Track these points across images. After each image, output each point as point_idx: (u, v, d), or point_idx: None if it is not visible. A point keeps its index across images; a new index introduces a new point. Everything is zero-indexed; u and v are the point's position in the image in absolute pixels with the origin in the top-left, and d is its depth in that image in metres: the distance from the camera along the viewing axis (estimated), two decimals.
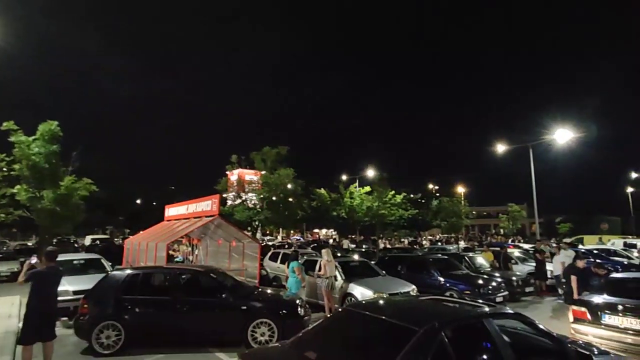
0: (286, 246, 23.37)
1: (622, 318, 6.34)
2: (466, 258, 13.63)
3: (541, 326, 4.06)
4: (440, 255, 13.99)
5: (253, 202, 27.56)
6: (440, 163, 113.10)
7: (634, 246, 21.38)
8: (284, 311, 7.12)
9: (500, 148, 26.42)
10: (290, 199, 28.71)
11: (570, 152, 25.28)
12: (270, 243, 28.73)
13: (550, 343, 3.93)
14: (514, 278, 12.30)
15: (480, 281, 11.08)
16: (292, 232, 45.83)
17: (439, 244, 28.43)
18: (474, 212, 68.02)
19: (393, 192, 30.53)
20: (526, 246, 22.12)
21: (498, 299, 10.59)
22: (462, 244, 25.41)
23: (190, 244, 14.47)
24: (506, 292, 11.09)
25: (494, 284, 11.04)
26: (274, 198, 26.32)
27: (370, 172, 33.31)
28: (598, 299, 6.96)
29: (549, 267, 13.18)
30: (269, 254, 15.41)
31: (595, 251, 19.24)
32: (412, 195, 35.26)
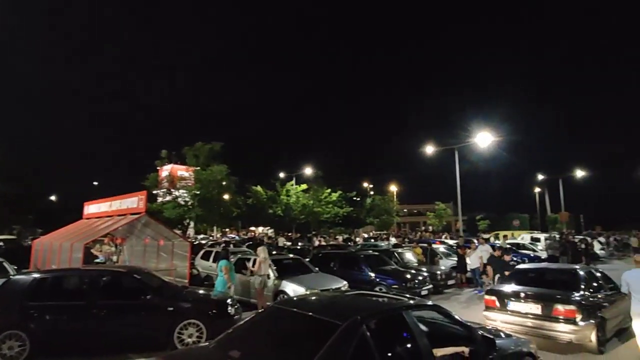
0: (222, 245, 22.80)
1: (524, 304, 7.08)
2: (396, 254, 14.29)
3: (455, 315, 4.40)
4: (371, 251, 14.50)
5: (185, 199, 26.44)
6: (376, 162, 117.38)
7: (539, 240, 23.97)
8: (213, 311, 6.94)
9: (430, 149, 28.08)
10: (226, 196, 28.01)
11: (489, 155, 27.62)
12: (204, 242, 27.76)
13: (461, 330, 4.27)
14: (438, 272, 13.17)
15: (408, 275, 11.70)
16: (227, 230, 44.77)
17: (372, 240, 29.49)
18: (405, 210, 71.79)
19: (329, 190, 31.11)
20: (451, 242, 23.79)
21: (423, 292, 11.29)
22: (392, 240, 26.58)
23: (114, 244, 13.51)
24: (431, 285, 11.85)
25: (420, 278, 11.71)
26: (207, 195, 25.48)
27: (308, 170, 33.61)
28: (506, 288, 7.70)
29: (468, 261, 14.28)
30: (201, 252, 14.92)
31: (507, 245, 21.40)
32: (347, 193, 36.18)
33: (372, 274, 11.69)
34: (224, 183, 26.28)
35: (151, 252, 12.88)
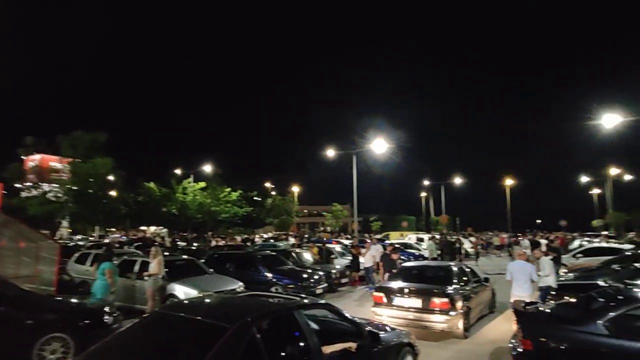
0: (104, 246, 20.46)
1: (407, 299, 7.71)
2: (293, 254, 14.43)
3: (345, 313, 4.56)
4: (268, 251, 14.44)
5: (57, 194, 23.08)
6: (279, 163, 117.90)
7: (422, 240, 26.54)
8: (85, 322, 6.12)
9: (330, 153, 29.14)
10: (112, 192, 25.28)
11: (384, 160, 29.71)
12: (82, 243, 24.58)
13: (350, 326, 4.44)
14: (333, 271, 13.64)
15: (305, 275, 11.90)
16: (113, 230, 40.51)
17: (272, 241, 29.49)
18: (305, 211, 73.40)
19: (229, 189, 30.20)
20: (346, 242, 24.97)
21: (318, 291, 11.60)
22: (291, 240, 26.92)
23: None
24: (326, 284, 12.23)
25: (316, 277, 12.00)
26: (86, 190, 22.58)
27: (208, 168, 32.22)
28: (393, 284, 8.30)
29: (362, 259, 15.08)
30: (76, 255, 13.16)
31: (397, 245, 23.26)
32: (248, 193, 35.57)
33: (269, 275, 11.62)
34: (109, 178, 23.65)
35: (10, 256, 10.92)
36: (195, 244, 23.78)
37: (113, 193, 25.46)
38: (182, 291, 8.85)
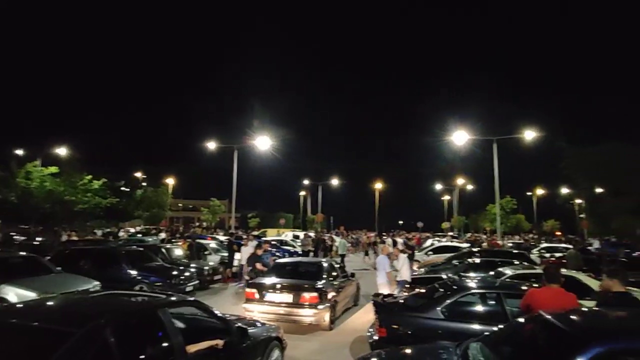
0: None
1: (279, 294, 7.88)
2: (163, 250, 13.52)
3: (214, 310, 4.45)
4: (135, 247, 13.24)
5: None
6: (152, 152, 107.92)
7: (298, 237, 27.50)
8: None
9: (211, 145, 28.09)
10: None
11: (266, 157, 29.83)
12: None
13: (218, 323, 4.34)
14: (206, 267, 13.20)
15: (175, 272, 11.27)
16: None
17: (140, 235, 27.02)
18: (180, 205, 69.17)
19: (90, 176, 26.64)
20: (222, 237, 24.38)
21: (188, 288, 11.07)
22: (162, 235, 25.08)
23: None
24: (197, 281, 11.73)
25: (187, 274, 11.45)
26: None
27: (62, 151, 27.87)
28: (266, 280, 8.39)
29: (237, 256, 14.86)
30: None
31: (273, 242, 23.69)
32: (115, 183, 31.91)
33: (134, 272, 10.62)
34: None
35: None
36: (38, 239, 20.25)
37: None
38: (15, 294, 7.47)
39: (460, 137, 24.49)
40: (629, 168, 27.41)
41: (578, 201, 34.80)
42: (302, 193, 56.69)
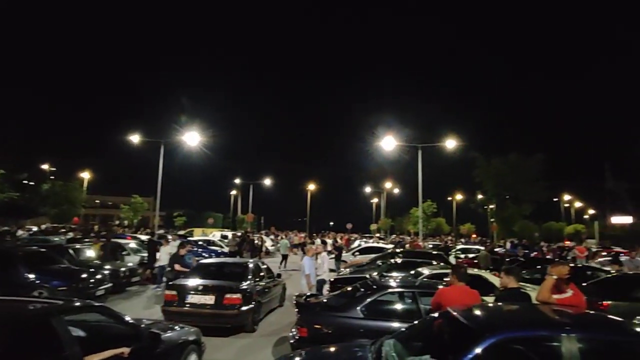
0: None
1: (201, 296, 7.55)
2: (70, 250, 12.29)
3: (122, 315, 4.14)
4: (36, 247, 11.84)
5: None
6: (66, 144, 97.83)
7: (227, 237, 26.80)
8: None
9: (135, 139, 26.30)
10: None
11: (195, 154, 28.60)
12: None
13: (127, 329, 4.02)
14: (122, 269, 12.31)
15: (84, 275, 10.27)
16: None
17: (44, 235, 24.28)
18: (97, 201, 63.62)
19: None
20: (144, 237, 22.82)
21: (99, 292, 10.17)
22: (70, 234, 22.83)
23: None
24: (110, 284, 10.81)
25: (98, 276, 10.50)
26: None
27: None
28: (186, 282, 7.98)
29: (158, 256, 13.99)
30: None
31: (200, 242, 22.80)
32: (16, 175, 28.43)
33: (32, 275, 9.47)
34: None
35: None
36: None
37: None
38: None
39: (388, 143, 25.68)
40: (525, 177, 31.19)
41: (492, 206, 38.26)
42: (233, 192, 55.33)
